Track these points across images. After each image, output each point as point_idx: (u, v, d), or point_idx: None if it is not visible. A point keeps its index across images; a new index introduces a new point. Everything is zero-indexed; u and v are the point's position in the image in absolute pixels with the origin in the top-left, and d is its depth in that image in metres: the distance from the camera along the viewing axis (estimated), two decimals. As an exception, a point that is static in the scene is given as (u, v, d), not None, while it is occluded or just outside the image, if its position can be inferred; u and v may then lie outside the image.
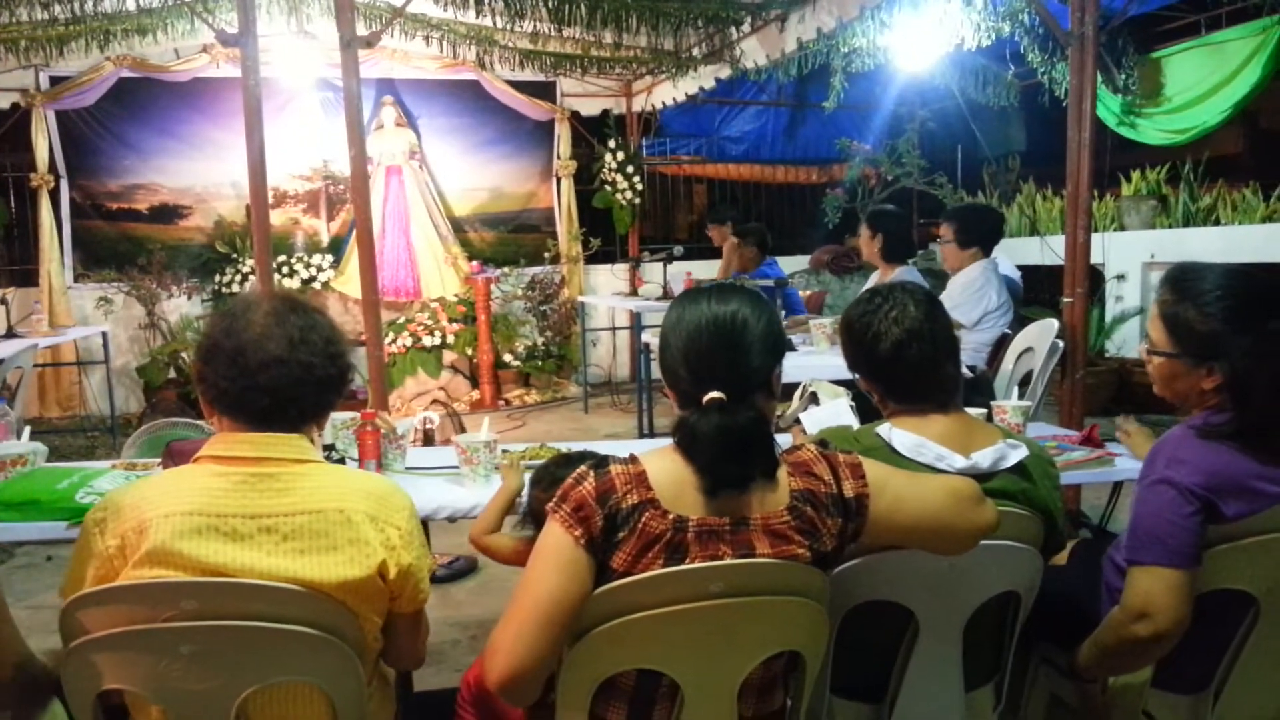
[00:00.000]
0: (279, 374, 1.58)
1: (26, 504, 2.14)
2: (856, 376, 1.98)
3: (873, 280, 4.84)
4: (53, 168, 7.54)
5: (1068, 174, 3.90)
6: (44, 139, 7.44)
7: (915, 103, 9.01)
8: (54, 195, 7.57)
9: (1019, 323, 4.26)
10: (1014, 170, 8.83)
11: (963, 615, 1.75)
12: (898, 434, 1.82)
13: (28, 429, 2.55)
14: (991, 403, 2.69)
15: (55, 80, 7.45)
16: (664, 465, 1.48)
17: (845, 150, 9.32)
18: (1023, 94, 7.72)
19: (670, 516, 1.44)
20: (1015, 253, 8.21)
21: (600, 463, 1.48)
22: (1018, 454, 1.82)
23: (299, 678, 1.54)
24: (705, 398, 1.47)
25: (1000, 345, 4.14)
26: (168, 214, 7.95)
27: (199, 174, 7.96)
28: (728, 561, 1.44)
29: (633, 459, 1.49)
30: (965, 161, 9.48)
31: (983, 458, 1.78)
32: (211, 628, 1.46)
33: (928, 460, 1.77)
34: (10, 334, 5.83)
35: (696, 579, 1.42)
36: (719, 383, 1.49)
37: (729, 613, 1.44)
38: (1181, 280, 1.85)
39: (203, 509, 1.51)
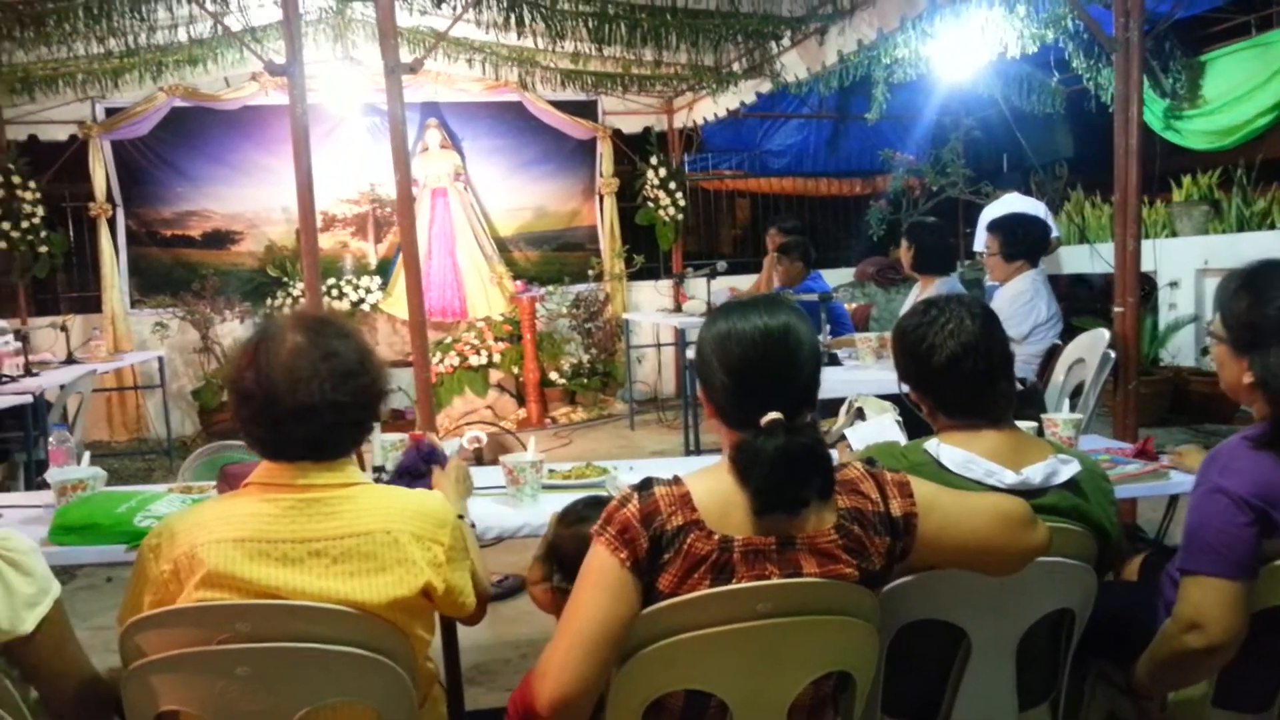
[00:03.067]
0: (311, 426, 1.59)
1: (87, 528, 2.19)
2: (906, 388, 1.97)
3: (913, 293, 4.82)
4: (110, 197, 7.74)
5: (1115, 181, 3.84)
6: (101, 169, 7.64)
7: (959, 112, 8.93)
8: (111, 223, 7.77)
9: (1069, 333, 4.20)
10: (1061, 178, 8.72)
11: (1016, 633, 1.72)
12: (946, 449, 1.80)
13: (87, 454, 2.61)
14: (1042, 415, 2.66)
15: (111, 111, 7.66)
16: (708, 485, 1.48)
17: (888, 161, 9.26)
18: (1068, 100, 7.62)
19: (716, 537, 1.43)
20: (1065, 261, 8.13)
21: (644, 485, 1.49)
22: (1070, 469, 1.79)
23: (352, 698, 1.57)
24: (765, 419, 1.46)
25: (1050, 357, 4.08)
26: (220, 239, 8.12)
27: (250, 200, 8.11)
28: (775, 581, 1.43)
29: (676, 480, 1.49)
30: (1011, 170, 9.37)
31: (1034, 473, 1.76)
32: (266, 649, 1.49)
33: (977, 476, 1.75)
34: (70, 360, 5.97)
35: (743, 599, 1.42)
36: (775, 399, 1.48)
37: (777, 633, 1.44)
38: (1256, 274, 1.83)
39: (253, 535, 1.55)
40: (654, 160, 8.70)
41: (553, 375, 8.13)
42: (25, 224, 7.36)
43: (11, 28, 5.19)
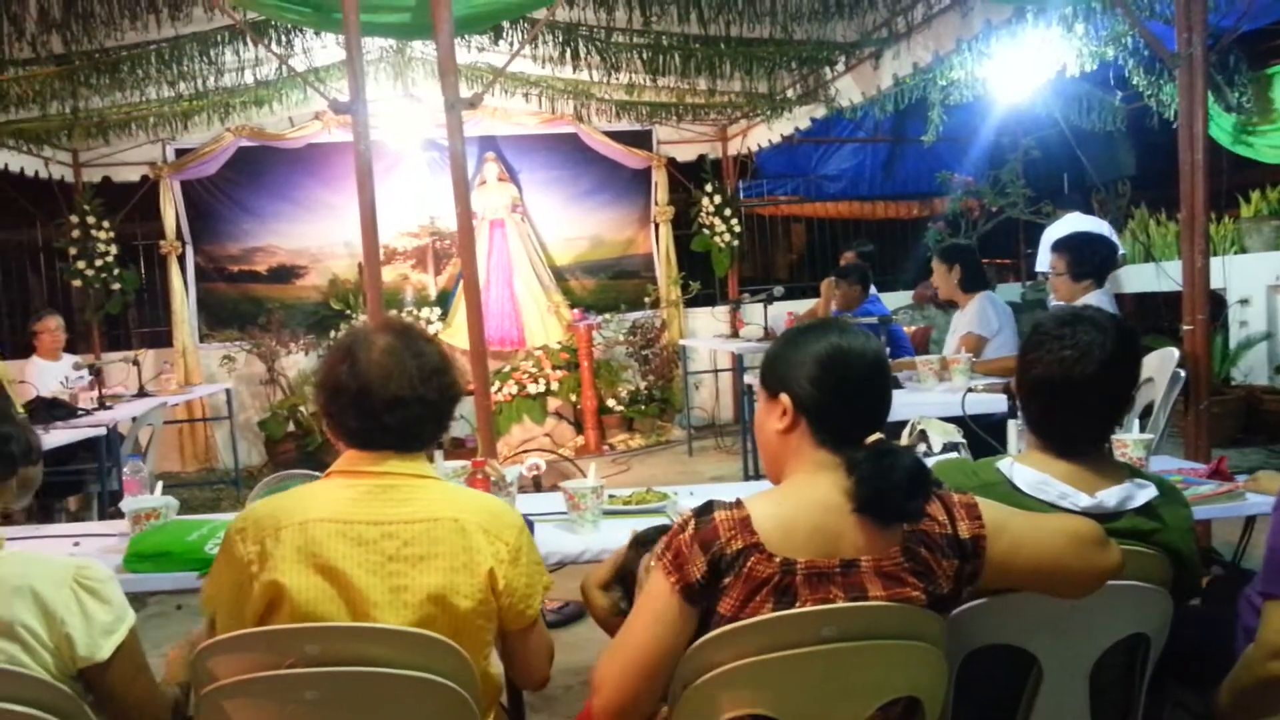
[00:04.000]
0: (403, 415, 1.70)
1: (160, 555, 2.25)
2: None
3: (957, 315, 4.77)
4: (179, 234, 7.98)
5: (1181, 198, 3.78)
6: (171, 208, 7.90)
7: (1017, 131, 8.84)
8: (180, 260, 8.01)
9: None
10: (1124, 196, 8.57)
11: (1089, 659, 1.69)
12: (1019, 469, 1.77)
13: (160, 484, 2.67)
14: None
15: (180, 152, 7.92)
16: (769, 509, 1.47)
17: (946, 183, 9.19)
18: (1130, 117, 7.50)
19: (777, 560, 1.42)
20: (1130, 280, 7.97)
21: (704, 508, 1.48)
22: (1146, 494, 1.75)
23: (417, 722, 1.58)
24: (871, 438, 1.51)
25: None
26: (285, 274, 8.32)
27: (313, 235, 8.31)
28: (840, 605, 1.42)
29: (738, 503, 1.48)
30: (1072, 188, 9.24)
31: (1109, 496, 1.72)
32: (334, 674, 1.52)
33: (1050, 498, 1.72)
34: (142, 393, 6.13)
35: (808, 623, 1.41)
36: (877, 418, 1.55)
37: (843, 657, 1.42)
38: None
39: (333, 516, 1.64)
40: (709, 188, 8.73)
41: (610, 402, 8.15)
42: (99, 262, 7.63)
43: (89, 75, 5.40)
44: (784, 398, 1.56)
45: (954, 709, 1.68)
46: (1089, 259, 4.17)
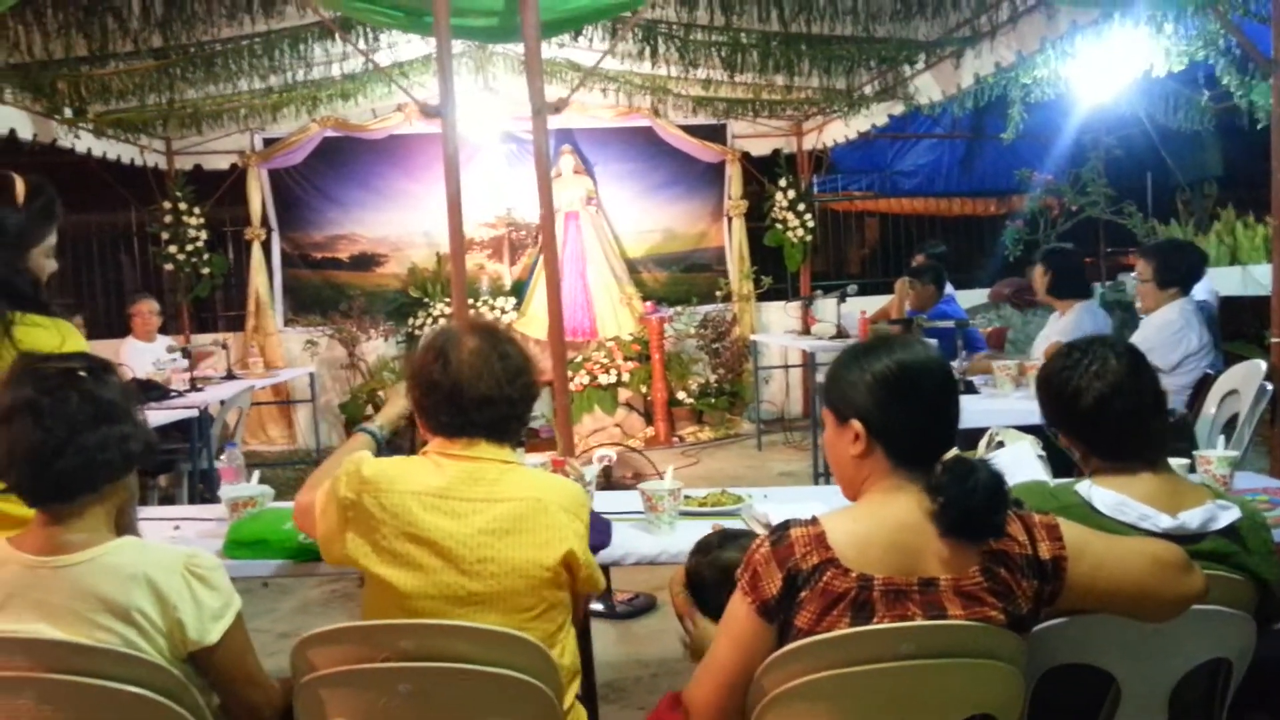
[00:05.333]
0: (491, 414, 1.87)
1: (257, 543, 2.35)
2: (1055, 433, 1.95)
3: (1052, 318, 4.71)
4: (265, 222, 8.22)
5: (1273, 205, 3.70)
6: (258, 195, 8.13)
7: (1099, 130, 8.64)
8: (265, 246, 8.24)
9: (1224, 362, 4.02)
10: (1210, 197, 8.32)
11: (1168, 682, 1.68)
12: (1098, 492, 1.77)
13: (256, 472, 2.78)
14: (1195, 452, 2.57)
15: (268, 142, 8.14)
16: (844, 526, 1.50)
17: (1025, 181, 9.02)
18: (1218, 117, 7.28)
19: (854, 574, 1.45)
20: (1215, 283, 7.75)
21: (780, 528, 1.52)
22: (1229, 515, 1.74)
23: (504, 718, 1.65)
24: (949, 454, 1.54)
25: (1201, 387, 3.92)
26: (366, 262, 8.52)
27: (394, 224, 8.49)
28: (920, 623, 1.44)
29: (814, 520, 1.51)
30: (1155, 189, 9.01)
31: (1191, 518, 1.72)
32: (427, 669, 1.60)
33: (1130, 520, 1.72)
34: (230, 375, 6.34)
35: (887, 639, 1.44)
36: (948, 436, 1.57)
37: (920, 674, 1.45)
38: None
39: (428, 490, 1.82)
40: (783, 182, 8.70)
41: (680, 395, 8.20)
42: (189, 247, 7.91)
43: (185, 69, 5.59)
44: (855, 424, 1.57)
45: (1029, 727, 1.70)
46: (1176, 266, 4.08)
